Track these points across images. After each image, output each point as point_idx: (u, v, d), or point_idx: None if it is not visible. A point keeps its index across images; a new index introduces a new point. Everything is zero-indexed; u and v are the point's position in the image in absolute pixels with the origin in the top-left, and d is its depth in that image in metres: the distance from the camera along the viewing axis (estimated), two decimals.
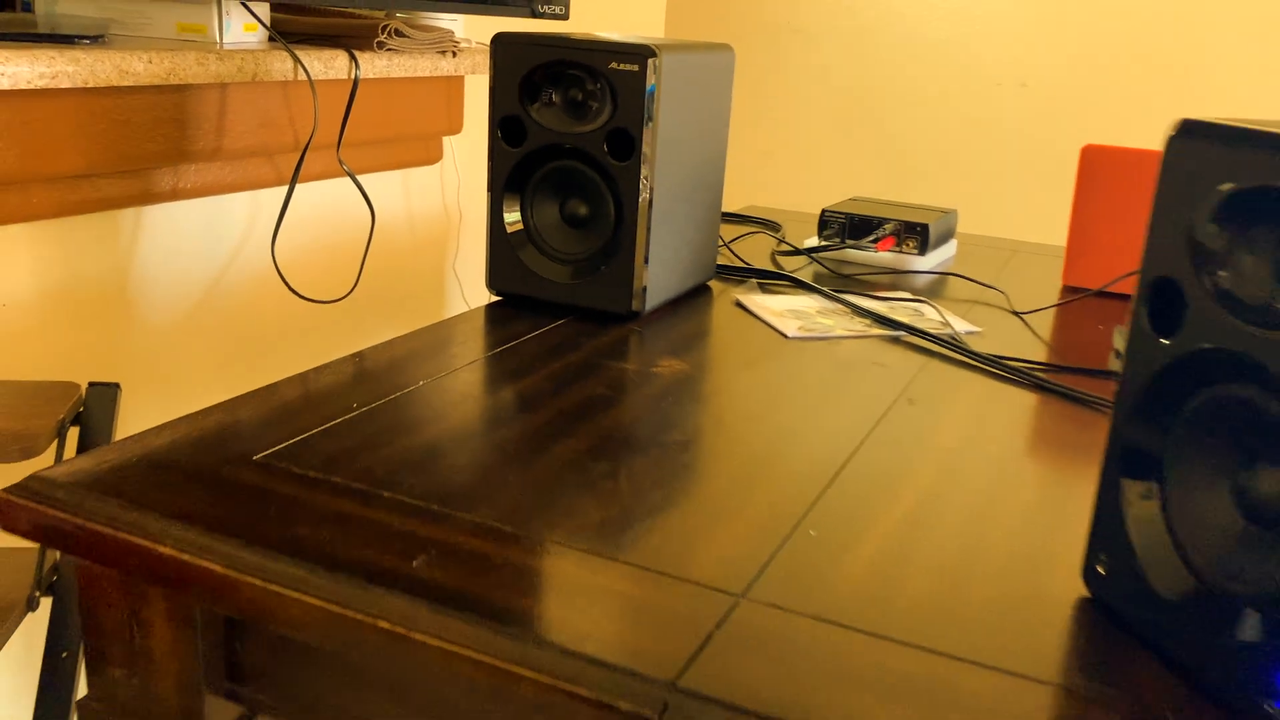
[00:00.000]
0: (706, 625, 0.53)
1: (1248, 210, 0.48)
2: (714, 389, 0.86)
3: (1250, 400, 0.48)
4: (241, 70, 1.19)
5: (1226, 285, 0.49)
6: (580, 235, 1.04)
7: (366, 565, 0.57)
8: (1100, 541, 0.56)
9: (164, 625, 0.64)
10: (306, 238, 1.48)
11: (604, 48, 0.97)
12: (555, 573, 0.57)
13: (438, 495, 0.65)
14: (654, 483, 0.69)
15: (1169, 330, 0.52)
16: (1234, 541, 0.50)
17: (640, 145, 0.98)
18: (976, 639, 0.54)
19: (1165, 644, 0.52)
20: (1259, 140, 0.46)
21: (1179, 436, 0.52)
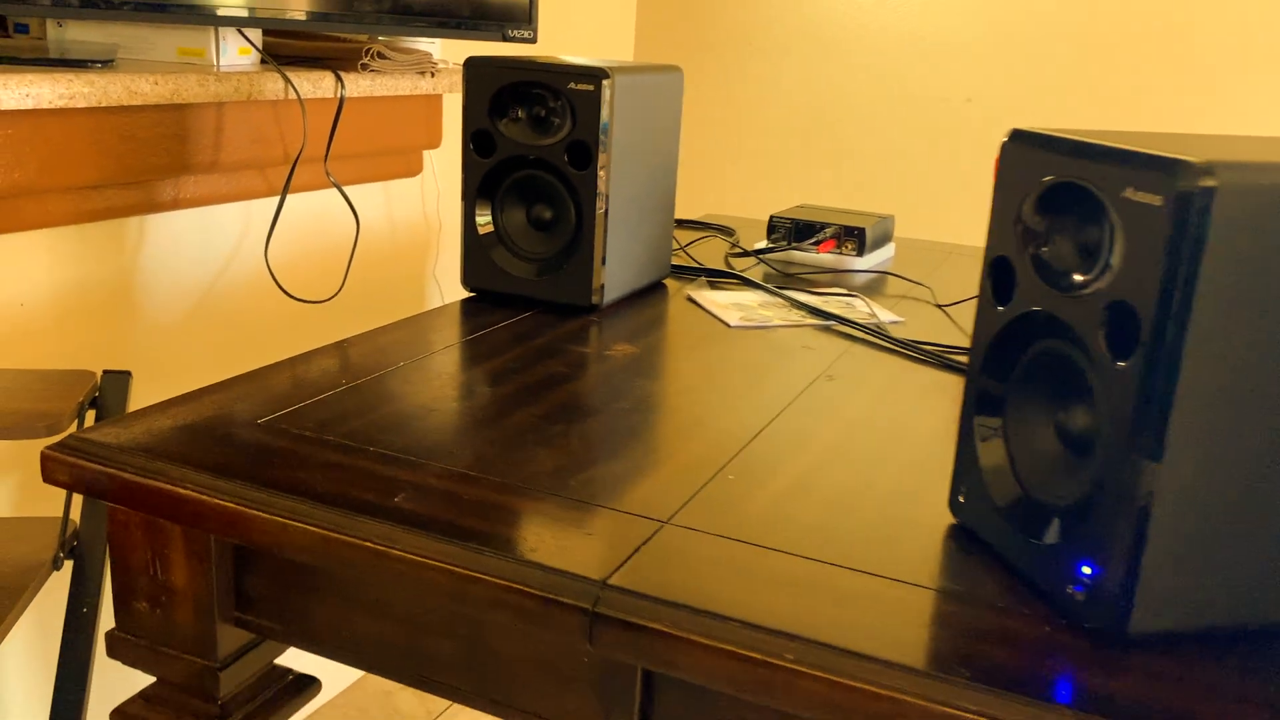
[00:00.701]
0: (635, 542, 0.65)
1: (1058, 200, 0.60)
2: (660, 368, 0.98)
3: (1063, 352, 0.60)
4: (238, 90, 1.30)
5: (1043, 260, 0.61)
6: (545, 237, 1.16)
7: (354, 500, 0.68)
8: (961, 474, 0.68)
9: (182, 561, 0.76)
10: (297, 244, 1.59)
11: (564, 70, 1.10)
12: (510, 505, 0.69)
13: (414, 449, 0.76)
14: (600, 439, 0.80)
15: (1005, 299, 0.64)
16: (1053, 464, 0.62)
17: (597, 156, 1.10)
18: (857, 552, 0.66)
19: (1003, 550, 0.64)
20: (1064, 146, 0.59)
21: (1015, 383, 0.64)
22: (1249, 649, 0.58)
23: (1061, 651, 0.56)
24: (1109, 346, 0.55)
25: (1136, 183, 0.53)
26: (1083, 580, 0.57)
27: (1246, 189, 0.50)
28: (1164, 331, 0.52)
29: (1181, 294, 0.51)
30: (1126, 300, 0.54)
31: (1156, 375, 0.52)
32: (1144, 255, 0.52)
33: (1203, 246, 0.50)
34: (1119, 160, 0.54)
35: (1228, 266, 0.51)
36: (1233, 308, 0.52)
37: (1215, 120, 2.11)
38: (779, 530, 0.68)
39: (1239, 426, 0.54)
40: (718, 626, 0.58)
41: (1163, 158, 0.52)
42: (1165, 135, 0.61)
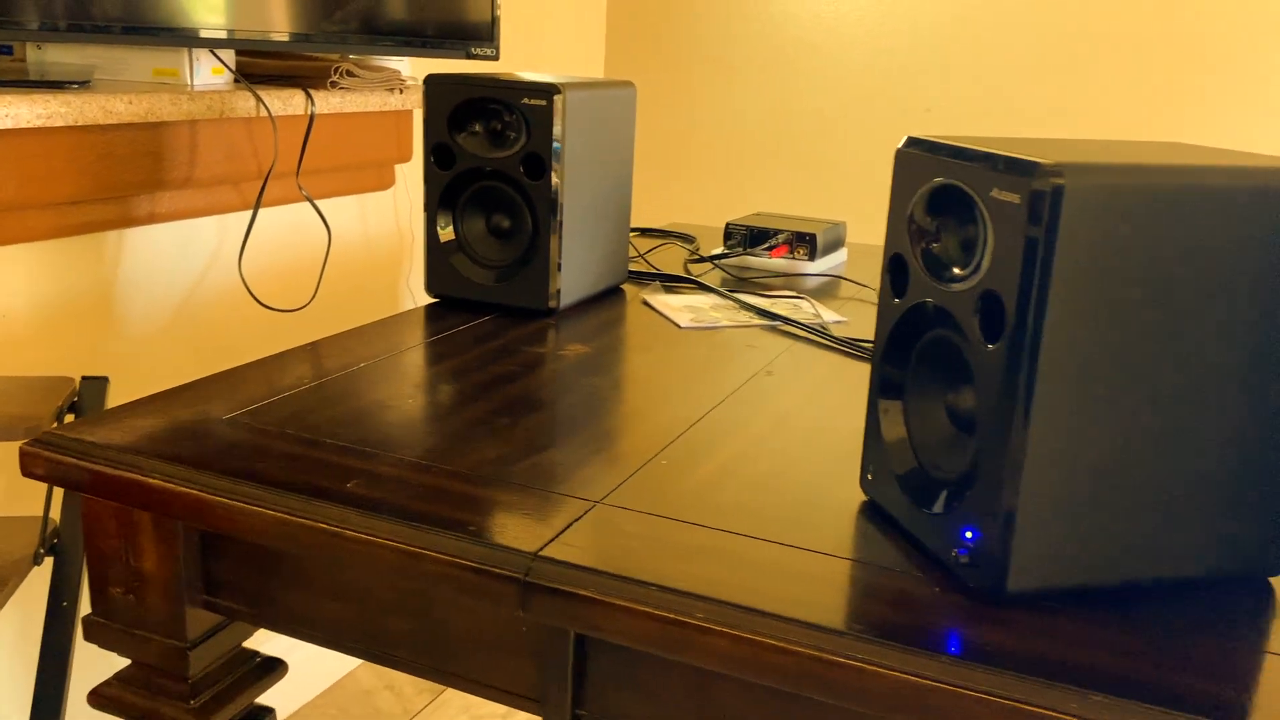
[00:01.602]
0: (568, 519, 0.71)
1: (943, 201, 0.66)
2: (609, 366, 1.04)
3: (949, 339, 0.66)
4: (210, 108, 1.36)
5: (932, 255, 0.67)
6: (503, 244, 1.22)
7: (310, 487, 0.74)
8: (869, 454, 0.74)
9: (152, 548, 0.81)
10: (272, 256, 1.65)
11: (518, 86, 1.16)
12: (455, 490, 0.75)
13: (370, 441, 0.82)
14: (544, 431, 0.86)
15: (900, 292, 0.70)
16: (944, 441, 0.68)
17: (550, 167, 1.16)
18: (773, 527, 0.72)
19: (903, 521, 0.70)
20: (947, 151, 0.65)
21: (913, 369, 0.70)
22: (1113, 604, 0.63)
23: (946, 609, 0.62)
24: (982, 331, 0.61)
25: (1001, 184, 0.59)
26: (965, 545, 0.63)
27: (1094, 188, 0.57)
28: (1025, 316, 0.58)
29: (1039, 282, 0.57)
30: (995, 290, 0.60)
31: (1020, 356, 0.58)
32: (1008, 249, 0.59)
33: (1055, 239, 0.56)
34: (988, 164, 0.60)
35: (1080, 256, 0.57)
36: (1087, 293, 0.58)
37: (1167, 127, 2.18)
38: (703, 508, 0.74)
39: (1099, 402, 0.60)
40: (636, 591, 0.63)
41: (1021, 160, 0.58)
42: (1043, 141, 0.67)
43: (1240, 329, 0.61)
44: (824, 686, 0.60)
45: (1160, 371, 0.60)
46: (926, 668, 0.58)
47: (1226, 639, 0.61)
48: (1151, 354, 0.60)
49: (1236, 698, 0.56)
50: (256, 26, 1.37)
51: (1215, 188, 0.58)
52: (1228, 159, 0.63)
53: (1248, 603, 0.65)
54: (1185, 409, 0.61)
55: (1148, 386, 0.60)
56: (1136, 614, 0.63)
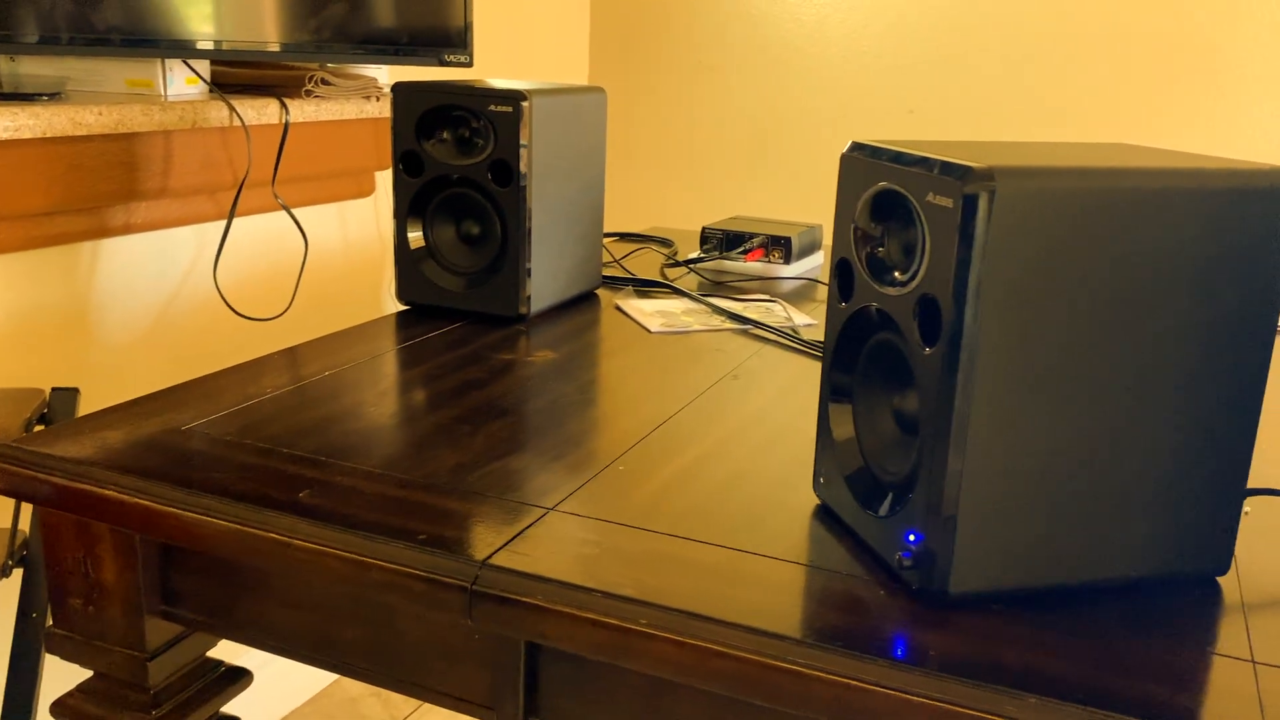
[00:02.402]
0: (518, 527, 0.71)
1: (885, 206, 0.66)
2: (576, 372, 1.04)
3: (893, 343, 0.66)
4: (182, 119, 1.36)
5: (875, 260, 0.67)
6: (473, 251, 1.22)
7: (262, 497, 0.74)
8: (821, 457, 0.74)
9: (111, 559, 0.81)
10: (250, 265, 1.65)
11: (484, 93, 1.16)
12: (408, 499, 0.75)
13: (327, 450, 0.82)
14: (504, 438, 0.86)
15: (847, 296, 0.70)
16: (891, 444, 0.68)
17: (518, 174, 1.16)
18: (725, 532, 0.72)
19: (853, 525, 0.70)
20: (888, 156, 0.65)
21: (861, 372, 0.70)
22: (1057, 605, 0.64)
23: (891, 613, 0.62)
24: (921, 335, 0.61)
25: (936, 188, 0.59)
26: (909, 548, 0.63)
27: (1026, 192, 0.57)
28: (960, 320, 0.58)
29: (973, 286, 0.57)
30: (931, 294, 0.60)
31: (956, 359, 0.58)
32: (943, 253, 0.59)
33: (987, 243, 0.57)
34: (924, 168, 0.60)
35: (1014, 260, 0.57)
36: (1023, 296, 0.58)
37: (1150, 126, 2.18)
38: (657, 514, 0.74)
39: (1039, 404, 0.60)
40: (582, 598, 0.64)
41: (954, 165, 0.58)
42: (984, 145, 0.67)
43: (1181, 330, 0.61)
44: (767, 692, 0.60)
45: (1100, 373, 0.60)
46: (867, 672, 0.58)
47: (1171, 640, 0.61)
48: (1090, 356, 0.60)
49: (1178, 700, 0.56)
50: (229, 37, 1.37)
51: (1150, 190, 0.59)
52: (1168, 161, 0.63)
53: (1194, 603, 0.65)
54: (1127, 410, 0.62)
55: (1088, 388, 0.60)
56: (1080, 615, 0.63)
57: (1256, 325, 0.62)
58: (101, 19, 1.24)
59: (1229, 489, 0.65)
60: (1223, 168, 0.61)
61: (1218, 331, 0.62)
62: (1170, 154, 0.67)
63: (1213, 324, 0.61)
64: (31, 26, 1.19)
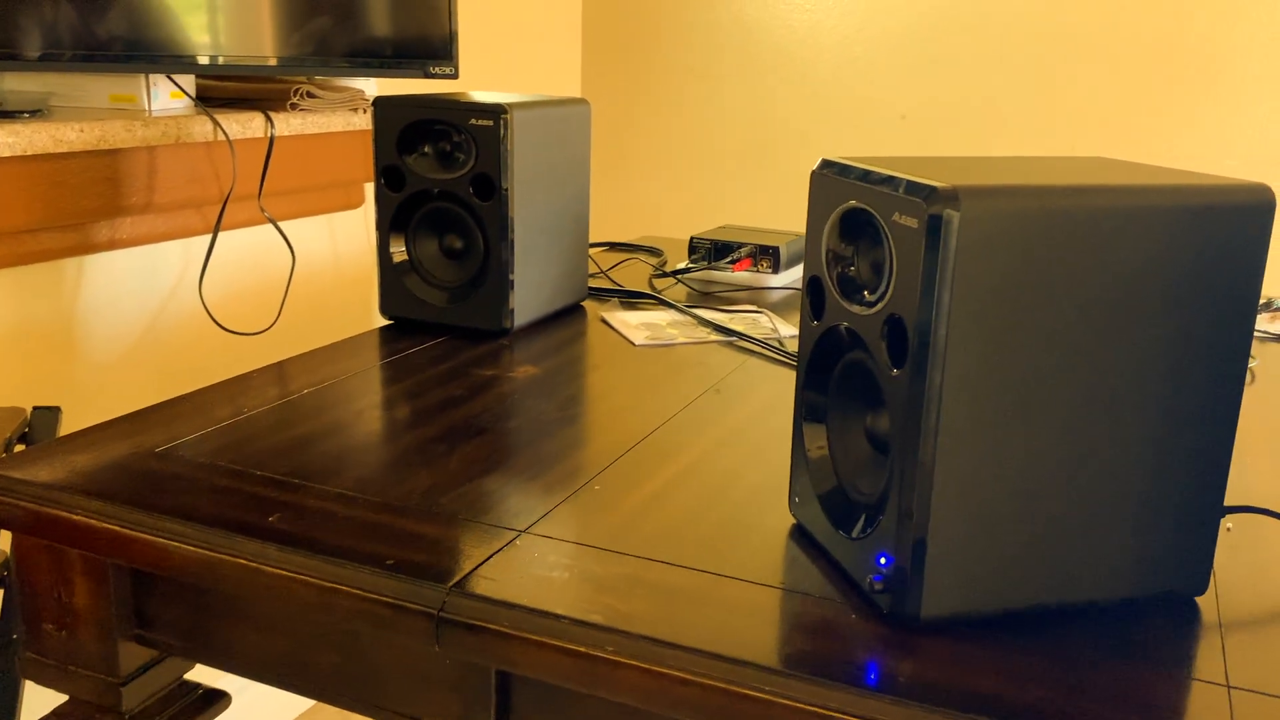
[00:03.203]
0: (489, 551, 0.70)
1: (854, 224, 0.65)
2: (557, 388, 1.04)
3: (864, 363, 0.65)
4: (165, 134, 1.36)
5: (846, 278, 0.66)
6: (456, 265, 1.22)
7: (232, 521, 0.73)
8: (796, 476, 0.74)
9: (83, 584, 0.80)
10: (238, 279, 1.65)
11: (465, 107, 1.15)
12: (379, 522, 0.74)
13: (299, 472, 0.82)
14: (481, 458, 0.86)
15: (819, 314, 0.69)
16: (863, 465, 0.67)
17: (500, 187, 1.16)
18: (698, 554, 0.71)
19: (827, 546, 0.69)
20: (856, 174, 0.64)
21: (833, 392, 0.70)
22: (1032, 629, 0.63)
23: (862, 638, 0.62)
24: (889, 356, 0.60)
25: (902, 208, 0.58)
26: (880, 570, 0.62)
27: (992, 212, 0.56)
28: (927, 341, 0.57)
29: (939, 307, 0.56)
30: (898, 315, 0.59)
31: (923, 380, 0.58)
32: (910, 274, 0.58)
33: (952, 264, 0.56)
34: (891, 187, 0.60)
35: (981, 280, 0.56)
36: (991, 317, 0.57)
37: (1143, 131, 2.17)
38: (629, 536, 0.73)
39: (1009, 425, 0.59)
40: (549, 625, 0.63)
41: (919, 184, 0.57)
42: (953, 161, 0.67)
43: (1154, 349, 0.60)
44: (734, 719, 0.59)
45: (1072, 393, 0.60)
46: (834, 700, 0.57)
47: (1147, 664, 0.60)
48: (1062, 376, 0.59)
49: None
50: (213, 52, 1.37)
51: (1121, 209, 0.58)
52: (1141, 177, 0.62)
53: (1172, 626, 0.64)
54: (1099, 430, 0.61)
55: (1060, 409, 0.60)
56: (1055, 639, 0.62)
57: (1230, 342, 0.61)
58: (84, 35, 1.23)
59: (1206, 508, 0.64)
60: (1196, 184, 0.60)
61: (1192, 350, 0.61)
62: (1146, 169, 0.67)
63: (1186, 342, 0.61)
64: (12, 43, 1.18)
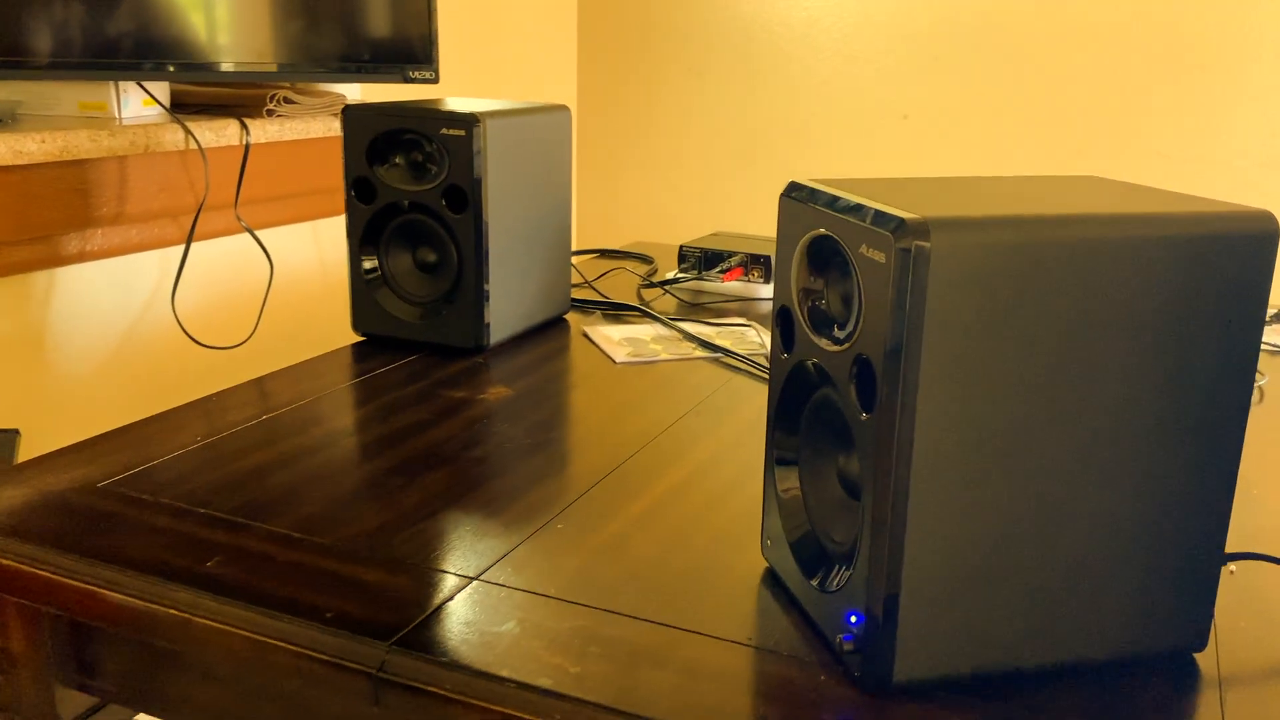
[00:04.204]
0: (436, 601, 0.66)
1: (823, 254, 0.60)
2: (528, 411, 0.99)
3: (835, 401, 0.61)
4: (134, 144, 1.32)
5: (817, 310, 0.61)
6: (430, 279, 1.17)
7: (168, 567, 0.69)
8: (768, 518, 0.69)
9: (19, 628, 0.76)
10: (217, 290, 1.60)
11: (436, 116, 1.11)
12: (322, 567, 0.70)
13: (246, 509, 0.77)
14: (439, 493, 0.81)
15: (789, 347, 0.64)
16: (836, 511, 0.62)
17: (473, 199, 1.11)
18: (662, 604, 0.66)
19: (799, 596, 0.65)
20: (824, 200, 0.59)
21: (805, 430, 0.65)
22: (1013, 693, 0.58)
23: (829, 703, 0.57)
24: (858, 399, 0.56)
25: (869, 240, 0.53)
26: (851, 630, 0.58)
27: (966, 246, 0.51)
28: (896, 386, 0.52)
29: (908, 350, 0.52)
30: (866, 355, 0.54)
31: (894, 428, 0.53)
32: (878, 311, 0.53)
33: (923, 302, 0.51)
34: (858, 216, 0.55)
35: (954, 320, 0.52)
36: (966, 359, 0.52)
37: (1147, 129, 2.11)
38: (590, 584, 0.69)
39: (988, 475, 0.54)
40: (494, 689, 0.58)
41: (887, 214, 0.52)
42: (931, 186, 0.62)
43: (1145, 391, 0.55)
44: None
45: (1055, 439, 0.55)
46: None
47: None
48: (1044, 422, 0.54)
49: None
50: (185, 58, 1.33)
51: (1110, 241, 0.53)
52: (1133, 204, 0.57)
53: (1166, 685, 0.59)
54: (1086, 478, 0.56)
55: (1042, 456, 0.55)
56: (1040, 704, 0.57)
57: (1231, 383, 0.56)
58: (51, 42, 1.19)
59: (1206, 558, 0.59)
60: (1193, 212, 0.55)
61: (1188, 392, 0.56)
62: (1141, 194, 0.62)
63: (1182, 384, 0.56)
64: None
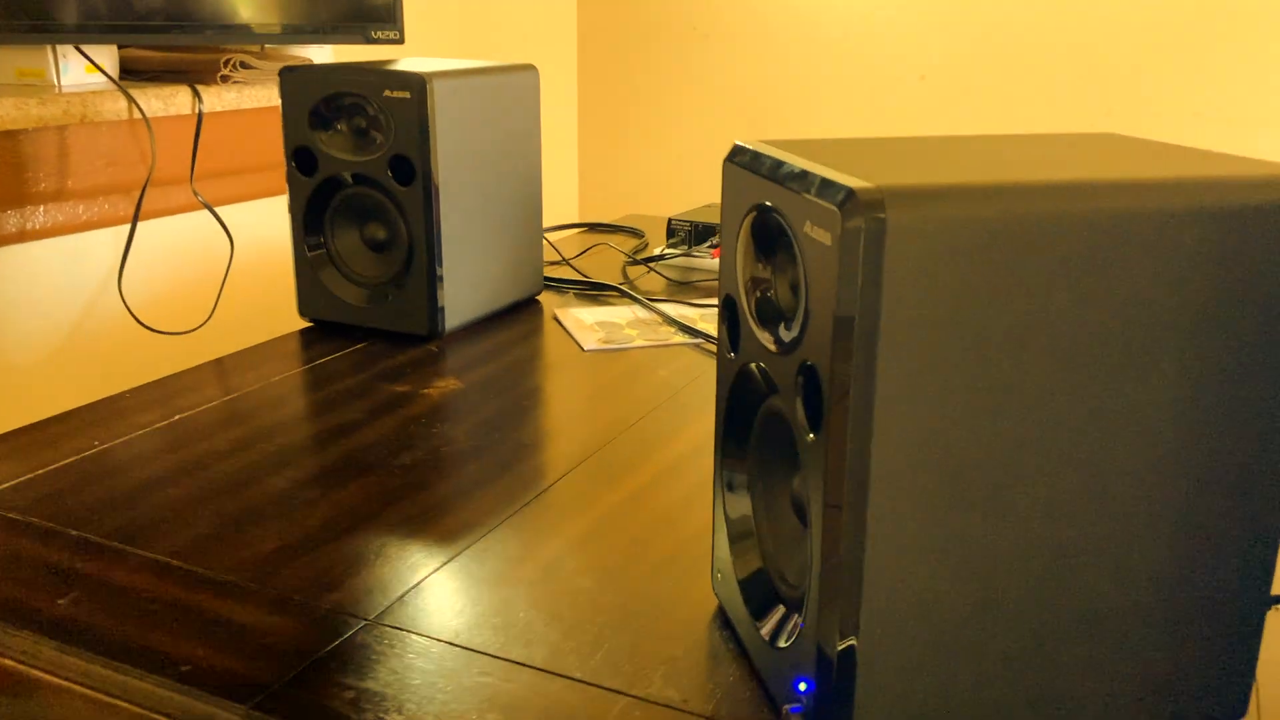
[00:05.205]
0: (319, 649, 0.55)
1: (768, 232, 0.49)
2: (475, 408, 0.88)
3: (784, 413, 0.49)
4: (67, 113, 1.21)
5: (765, 302, 0.50)
6: (380, 259, 1.06)
7: (13, 604, 0.59)
8: (717, 547, 0.58)
9: None
10: (175, 271, 1.51)
11: (379, 77, 0.99)
12: (194, 604, 0.59)
13: (125, 530, 0.67)
14: (351, 508, 0.71)
15: (735, 346, 0.53)
16: (791, 544, 0.51)
17: (422, 169, 1.00)
18: (588, 655, 0.55)
19: (746, 644, 0.54)
20: (769, 165, 0.48)
21: (756, 448, 0.54)
22: None
23: None
24: (805, 415, 0.44)
25: (814, 216, 0.42)
26: (799, 700, 0.47)
27: (935, 223, 0.39)
28: (847, 400, 0.41)
29: (863, 354, 0.40)
30: (812, 362, 0.43)
31: (844, 454, 0.42)
32: (825, 306, 0.42)
33: (879, 295, 0.40)
34: (802, 185, 0.43)
35: (920, 319, 0.40)
36: (934, 368, 0.41)
37: (1174, 85, 1.97)
38: (507, 627, 0.58)
39: (962, 515, 0.43)
40: None
41: (834, 184, 0.41)
42: (901, 146, 0.50)
43: (1164, 402, 0.44)
44: None
45: (1052, 466, 0.43)
46: None
47: None
48: (1034, 443, 0.43)
49: None
50: (129, 20, 1.22)
51: (1122, 214, 0.41)
52: (1154, 168, 0.46)
53: None
54: (1094, 512, 0.44)
55: (1036, 487, 0.43)
56: None
57: (1275, 389, 0.45)
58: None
59: (1245, 606, 0.48)
60: (1229, 176, 0.43)
61: (1224, 403, 0.44)
62: (1162, 154, 0.50)
63: (1212, 393, 0.44)
64: None
